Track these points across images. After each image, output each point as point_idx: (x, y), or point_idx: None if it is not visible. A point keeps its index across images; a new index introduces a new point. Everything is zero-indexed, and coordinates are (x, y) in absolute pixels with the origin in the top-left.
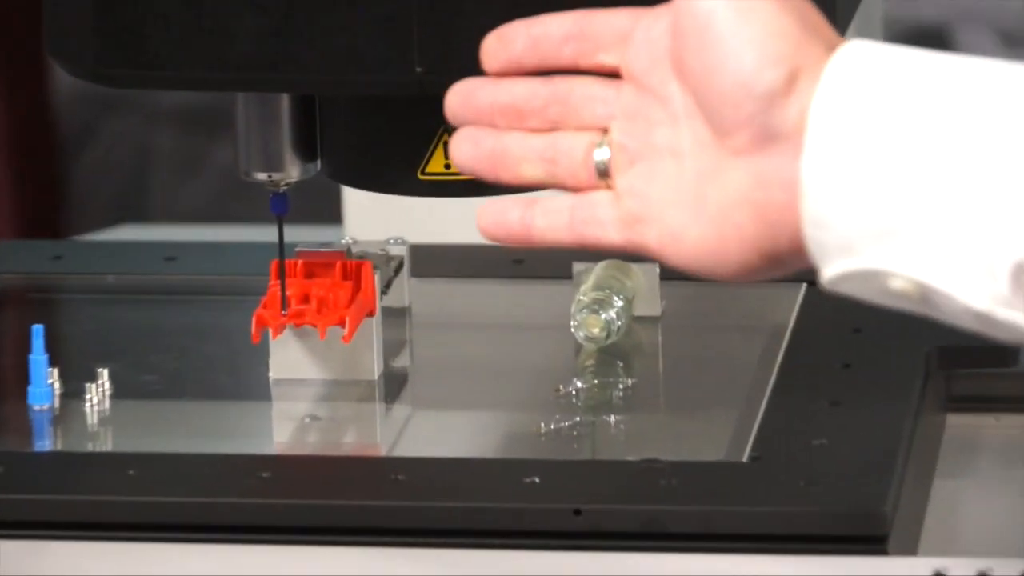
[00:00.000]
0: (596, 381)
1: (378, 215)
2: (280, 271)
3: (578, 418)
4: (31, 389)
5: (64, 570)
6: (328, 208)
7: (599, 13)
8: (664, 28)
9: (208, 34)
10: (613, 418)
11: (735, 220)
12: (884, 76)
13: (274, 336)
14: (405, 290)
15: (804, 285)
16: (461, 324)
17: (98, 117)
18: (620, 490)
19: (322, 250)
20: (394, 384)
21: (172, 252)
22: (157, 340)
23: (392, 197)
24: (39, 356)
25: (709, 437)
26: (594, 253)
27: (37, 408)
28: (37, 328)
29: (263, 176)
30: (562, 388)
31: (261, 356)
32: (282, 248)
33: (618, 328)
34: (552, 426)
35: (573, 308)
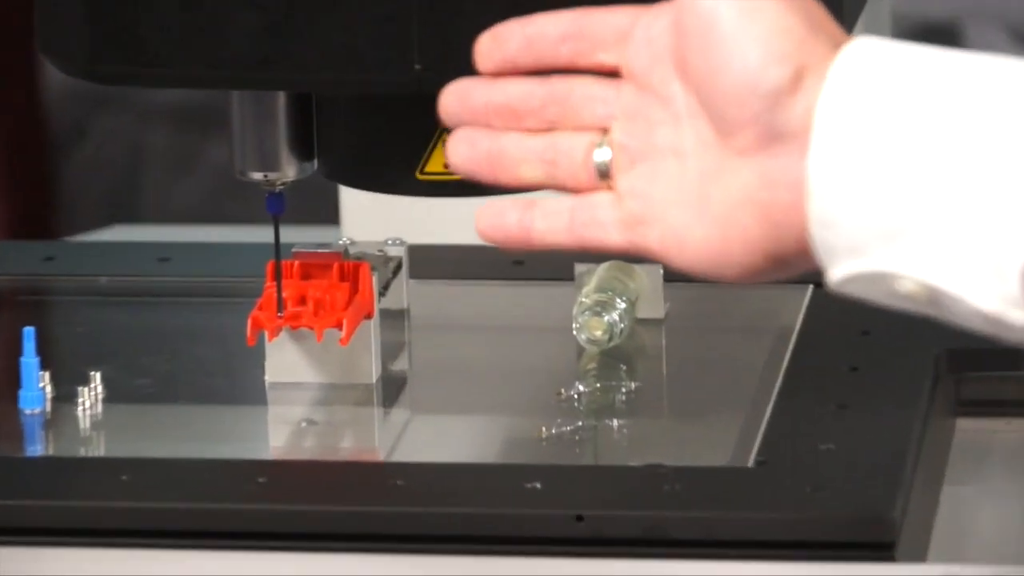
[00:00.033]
0: (598, 384)
1: (376, 215)
2: (276, 272)
3: (580, 422)
4: (22, 393)
5: None
6: (325, 208)
7: (597, 11)
8: (665, 26)
9: (203, 30)
10: (616, 422)
11: (740, 221)
12: (891, 73)
13: (270, 339)
14: (404, 292)
15: (811, 287)
16: (461, 326)
17: (90, 115)
18: (623, 496)
19: (319, 251)
20: (392, 388)
21: (166, 253)
22: (151, 343)
23: (390, 197)
24: (30, 359)
25: (714, 441)
26: (596, 255)
27: (28, 412)
28: (28, 330)
29: (259, 175)
30: (564, 392)
31: (257, 359)
32: (278, 249)
33: (621, 330)
34: (554, 430)
35: (575, 310)
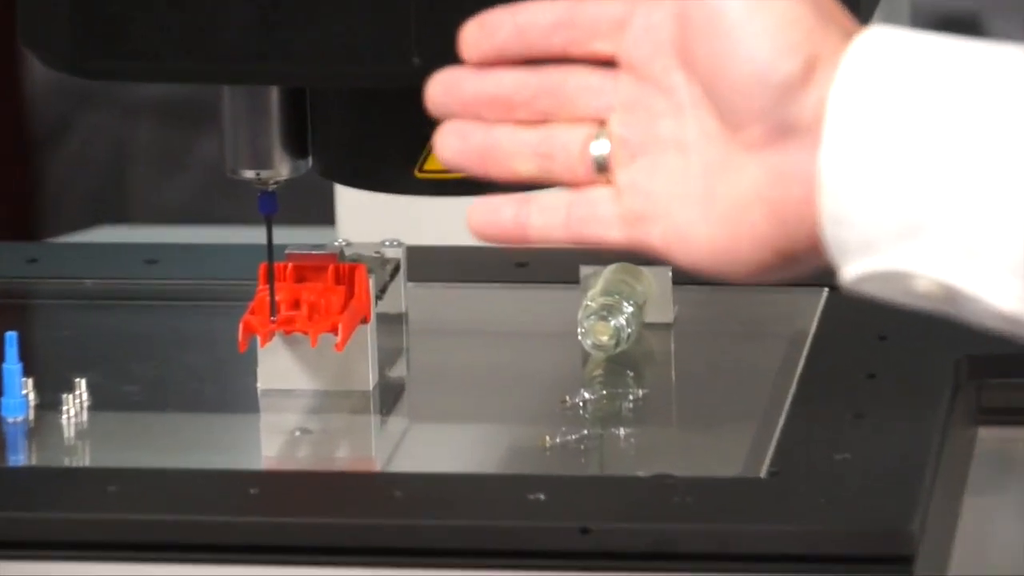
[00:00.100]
0: (605, 392)
1: (373, 215)
2: (269, 275)
3: (585, 431)
4: (4, 400)
5: None
6: (320, 208)
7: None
8: (666, 14)
9: (193, 22)
10: (623, 431)
11: (748, 218)
12: (906, 63)
13: (262, 344)
14: (401, 295)
15: (826, 290)
16: (461, 331)
17: (75, 111)
18: (630, 507)
19: (313, 253)
20: (390, 395)
21: (154, 255)
22: (138, 348)
23: (388, 196)
24: (13, 365)
25: (725, 451)
26: (603, 256)
27: (11, 420)
28: (11, 335)
29: (251, 174)
30: (568, 399)
31: (249, 365)
32: (271, 250)
33: (628, 335)
34: (558, 439)
35: (580, 314)
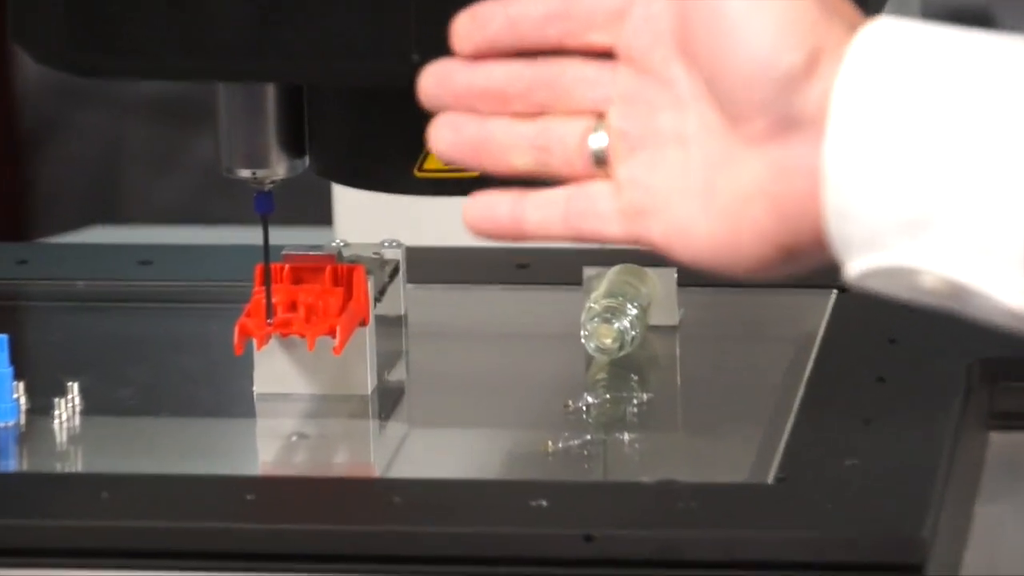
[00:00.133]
0: (608, 396)
1: (371, 215)
2: (265, 276)
3: (589, 436)
4: None
5: None
6: (317, 208)
7: None
8: (666, 4)
9: (188, 18)
10: (627, 436)
11: (750, 213)
12: (912, 55)
13: (258, 347)
14: (401, 297)
15: (834, 291)
16: (461, 334)
17: (67, 108)
18: (634, 514)
19: (311, 253)
20: (389, 399)
21: (147, 255)
22: (131, 351)
23: (387, 196)
24: (3, 369)
25: (731, 457)
26: (606, 257)
27: (1, 425)
28: (1, 338)
29: (247, 173)
30: (571, 403)
31: (244, 369)
32: (267, 251)
33: (632, 338)
34: (561, 445)
35: (583, 316)
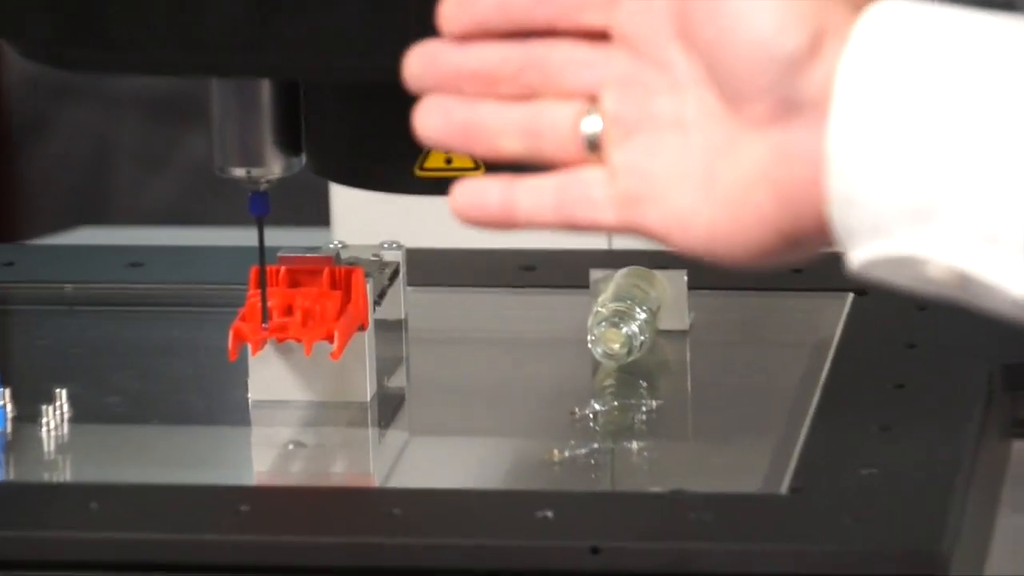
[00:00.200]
0: (616, 403)
1: (370, 216)
2: (260, 279)
3: (596, 445)
4: None
5: None
6: (314, 208)
7: None
8: None
9: (179, 11)
10: (635, 445)
11: (752, 199)
12: (919, 37)
13: (253, 353)
14: (401, 300)
15: (851, 295)
16: (464, 339)
17: (54, 105)
18: (643, 526)
19: (307, 255)
20: (388, 406)
21: (138, 257)
22: (121, 357)
23: (386, 196)
24: None
25: (743, 466)
26: (614, 259)
27: None
28: None
29: (241, 172)
30: (578, 411)
31: (239, 375)
32: (262, 253)
33: (641, 343)
34: (567, 454)
35: (590, 321)
